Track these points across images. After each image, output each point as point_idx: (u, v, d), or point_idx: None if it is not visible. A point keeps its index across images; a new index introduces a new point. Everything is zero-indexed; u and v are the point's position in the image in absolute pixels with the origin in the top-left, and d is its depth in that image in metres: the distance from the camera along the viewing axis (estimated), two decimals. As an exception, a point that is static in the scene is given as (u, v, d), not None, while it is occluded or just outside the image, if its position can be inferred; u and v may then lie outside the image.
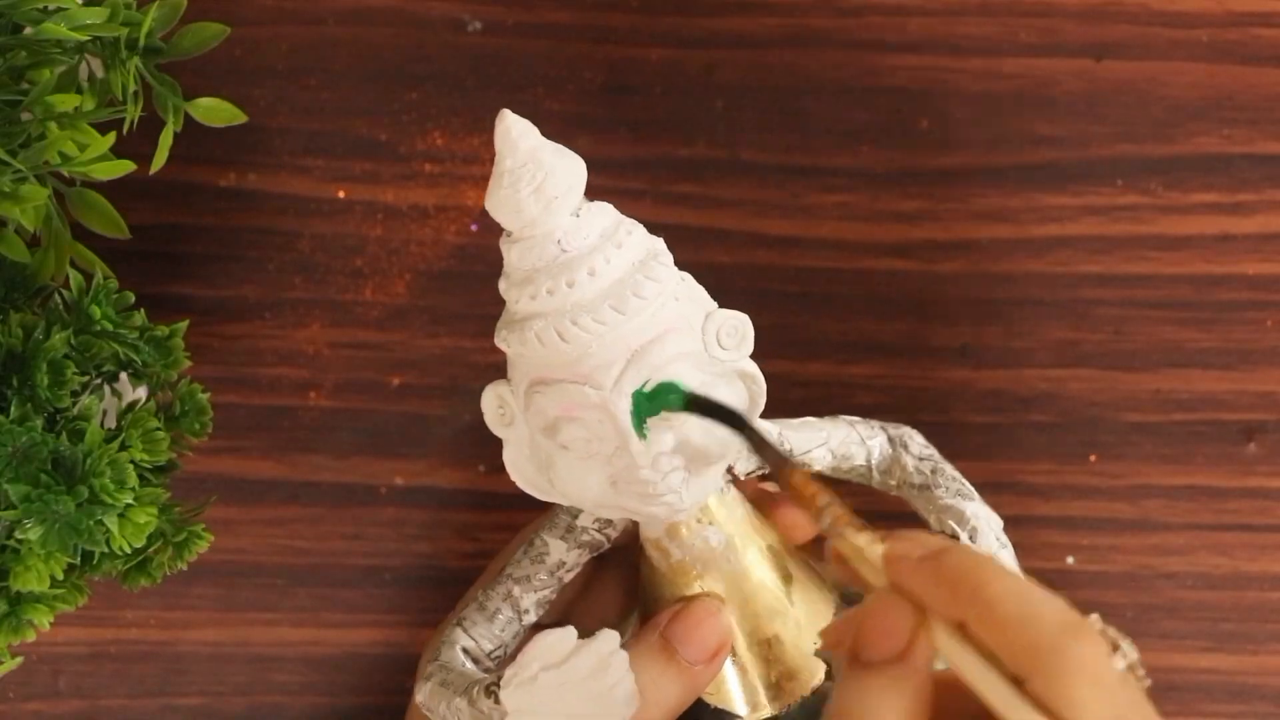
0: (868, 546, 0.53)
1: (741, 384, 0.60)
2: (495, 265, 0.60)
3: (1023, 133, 0.77)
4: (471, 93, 0.77)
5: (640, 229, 0.59)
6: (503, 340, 0.58)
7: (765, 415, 0.62)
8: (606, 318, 0.57)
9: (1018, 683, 0.49)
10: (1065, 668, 0.48)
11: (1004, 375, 0.77)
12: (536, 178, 0.57)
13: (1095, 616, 0.52)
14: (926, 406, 0.77)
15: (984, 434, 0.77)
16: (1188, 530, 0.77)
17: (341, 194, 0.77)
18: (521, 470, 0.60)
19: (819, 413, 0.74)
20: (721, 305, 0.60)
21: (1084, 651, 0.48)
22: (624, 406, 0.57)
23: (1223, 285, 0.77)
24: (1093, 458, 0.77)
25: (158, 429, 0.65)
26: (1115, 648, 0.51)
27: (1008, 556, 0.63)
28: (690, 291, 0.59)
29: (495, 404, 0.60)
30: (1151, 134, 0.77)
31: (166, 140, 0.67)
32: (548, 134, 0.59)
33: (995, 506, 0.68)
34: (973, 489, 0.64)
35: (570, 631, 0.58)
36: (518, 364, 0.59)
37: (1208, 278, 0.77)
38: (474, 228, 0.77)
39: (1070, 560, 0.77)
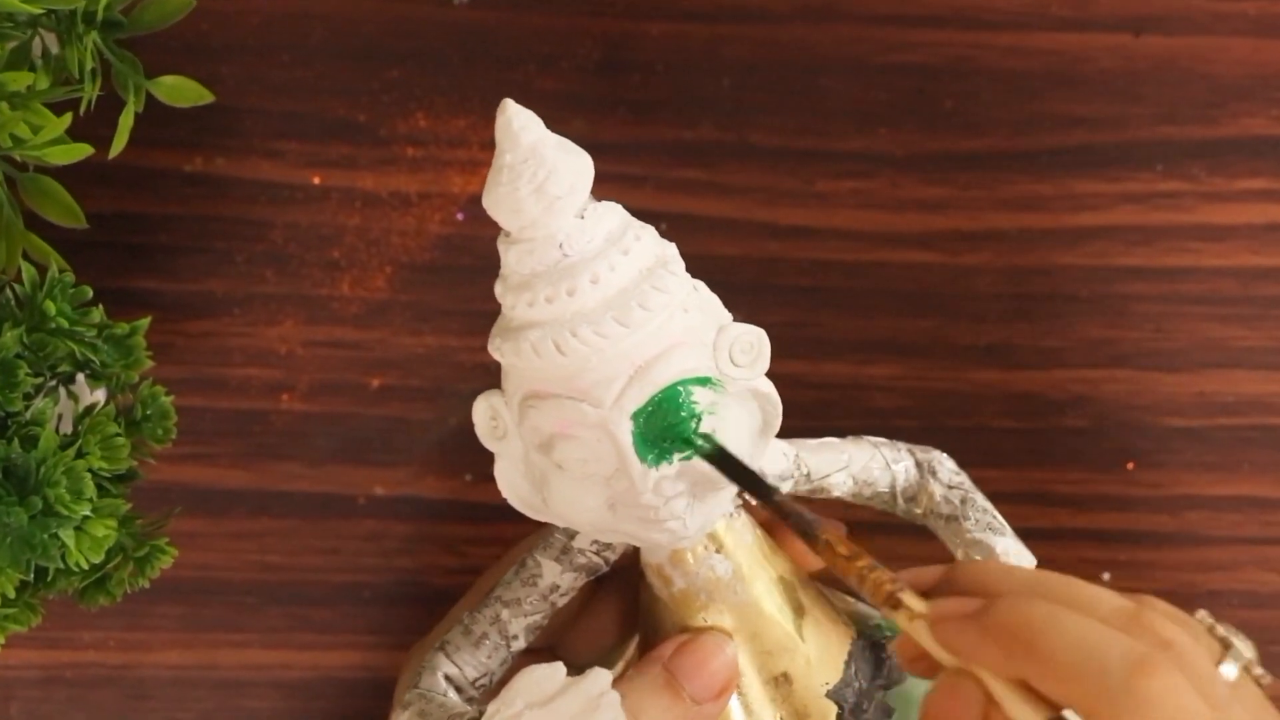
0: (912, 622, 0.54)
1: (755, 404, 0.59)
2: (483, 257, 0.60)
3: (1055, 114, 0.77)
4: (457, 70, 0.77)
5: (650, 233, 0.59)
6: (496, 349, 0.58)
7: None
8: (608, 330, 0.56)
9: None
10: (1140, 711, 0.49)
11: (1034, 377, 0.77)
12: (538, 175, 0.57)
13: (1203, 613, 0.53)
14: (950, 410, 0.77)
15: (1013, 440, 0.77)
16: (1233, 544, 0.78)
17: (317, 180, 0.77)
18: (514, 487, 0.60)
19: (834, 417, 0.75)
20: (729, 301, 0.60)
21: (1156, 687, 0.49)
22: (625, 426, 0.57)
23: (1271, 279, 0.77)
24: (1130, 466, 0.77)
25: (117, 435, 0.65)
26: (1226, 647, 0.52)
27: None
28: (702, 303, 0.59)
29: (487, 416, 0.60)
30: (1194, 115, 0.77)
31: (127, 122, 0.67)
32: (540, 116, 0.58)
33: (1025, 518, 0.68)
34: (1004, 522, 0.64)
35: (559, 668, 0.58)
36: (512, 375, 0.59)
37: (1255, 271, 0.77)
38: (460, 217, 0.77)
39: (1106, 577, 0.77)
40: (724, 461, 0.58)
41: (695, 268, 0.60)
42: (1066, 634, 0.51)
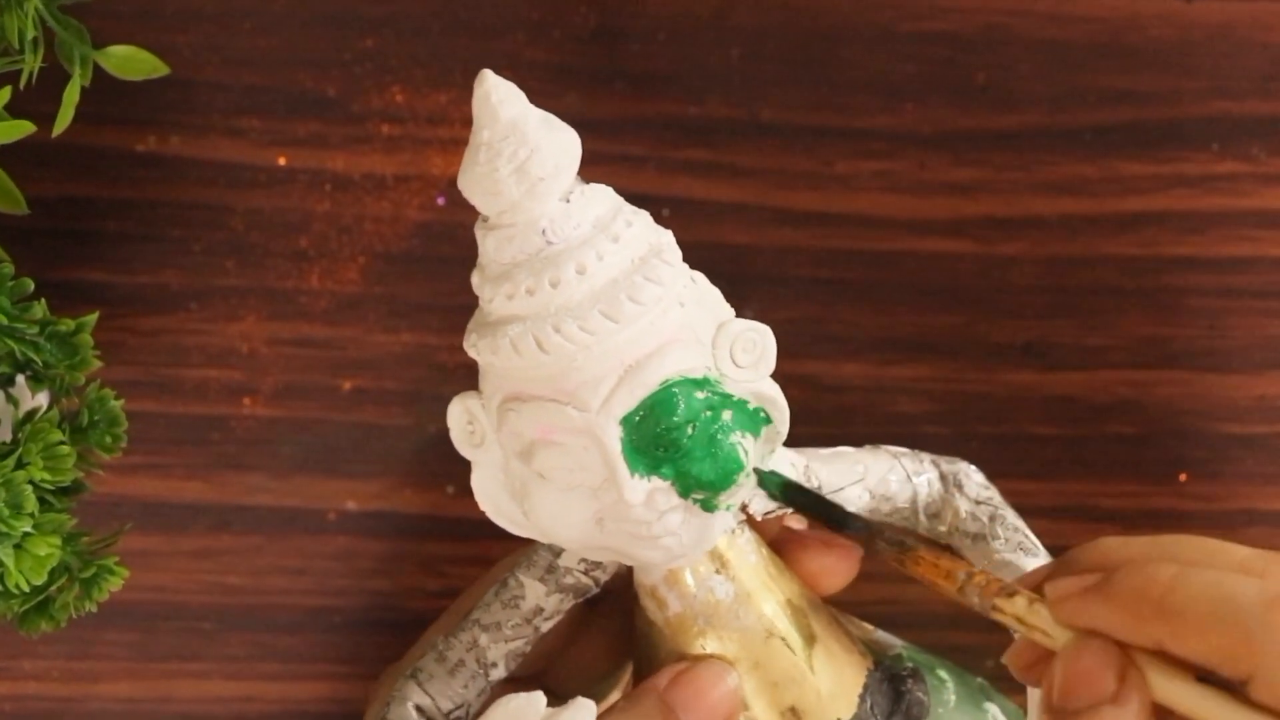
0: (1027, 610, 0.55)
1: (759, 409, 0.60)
2: (466, 247, 0.60)
3: (1099, 88, 0.77)
4: (437, 39, 0.77)
5: (644, 219, 0.59)
6: (473, 346, 0.58)
7: (789, 436, 0.61)
8: (596, 326, 0.56)
9: (1242, 689, 0.51)
10: None
11: (1076, 379, 0.77)
12: (519, 154, 0.57)
13: None
14: (983, 416, 0.77)
15: (1052, 449, 0.77)
16: (1297, 564, 0.78)
17: (282, 161, 0.77)
18: (492, 499, 0.60)
19: (854, 423, 0.75)
20: (738, 295, 0.60)
21: None
22: (613, 432, 0.57)
23: (1339, 270, 0.78)
24: (1183, 477, 0.78)
25: (61, 443, 0.64)
26: None
27: None
28: (700, 296, 0.59)
29: (463, 420, 0.60)
30: (1253, 89, 0.77)
31: (72, 97, 0.67)
32: (530, 90, 0.58)
33: (1066, 535, 0.68)
34: (1037, 542, 0.64)
35: (539, 698, 0.58)
36: (490, 375, 0.59)
37: (1321, 261, 0.78)
38: (440, 201, 0.77)
39: (1156, 600, 0.77)
40: (795, 496, 0.59)
41: (701, 258, 0.60)
42: (1196, 586, 0.52)
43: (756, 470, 0.59)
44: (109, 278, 0.77)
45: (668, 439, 0.57)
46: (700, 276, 0.59)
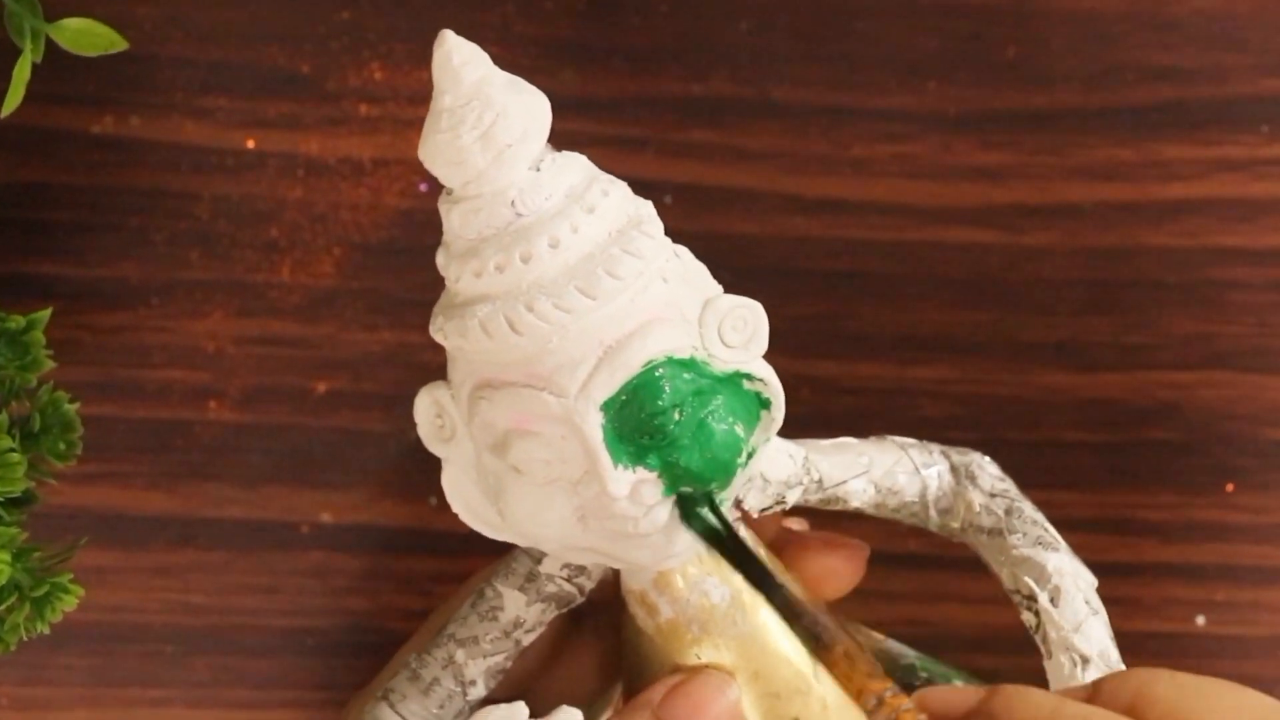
0: None
1: (751, 393, 0.59)
2: (451, 236, 0.60)
3: (1138, 64, 0.77)
4: (420, 12, 0.77)
5: (621, 189, 0.59)
6: (439, 330, 0.58)
7: (791, 433, 0.62)
8: (571, 303, 0.56)
9: None
10: None
11: (1114, 380, 0.77)
12: (484, 119, 0.57)
13: None
14: (1013, 421, 0.77)
15: (1088, 456, 0.77)
16: (1354, 582, 0.78)
17: (251, 144, 0.77)
18: (465, 499, 0.60)
19: (872, 428, 0.74)
20: (746, 288, 0.60)
21: None
22: (593, 419, 0.57)
23: (1400, 263, 0.77)
24: (1229, 487, 0.77)
25: (11, 450, 0.65)
26: None
27: (1099, 625, 0.63)
28: (685, 271, 0.59)
29: (431, 413, 0.60)
30: (1307, 65, 0.77)
31: (22, 74, 0.67)
32: (521, 66, 0.59)
33: (1103, 550, 0.68)
34: (1057, 536, 0.64)
35: (520, 709, 0.58)
36: (459, 361, 0.59)
37: (1380, 253, 0.78)
38: (423, 188, 0.77)
39: (1200, 621, 0.77)
40: (720, 542, 0.58)
41: (706, 248, 0.60)
42: None
43: (683, 504, 0.59)
44: (63, 270, 0.77)
45: (653, 425, 0.57)
46: (684, 251, 0.59)
